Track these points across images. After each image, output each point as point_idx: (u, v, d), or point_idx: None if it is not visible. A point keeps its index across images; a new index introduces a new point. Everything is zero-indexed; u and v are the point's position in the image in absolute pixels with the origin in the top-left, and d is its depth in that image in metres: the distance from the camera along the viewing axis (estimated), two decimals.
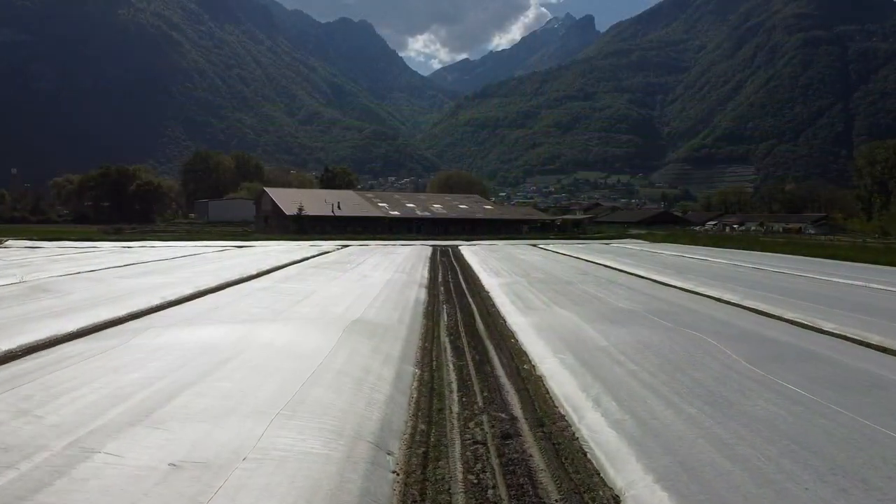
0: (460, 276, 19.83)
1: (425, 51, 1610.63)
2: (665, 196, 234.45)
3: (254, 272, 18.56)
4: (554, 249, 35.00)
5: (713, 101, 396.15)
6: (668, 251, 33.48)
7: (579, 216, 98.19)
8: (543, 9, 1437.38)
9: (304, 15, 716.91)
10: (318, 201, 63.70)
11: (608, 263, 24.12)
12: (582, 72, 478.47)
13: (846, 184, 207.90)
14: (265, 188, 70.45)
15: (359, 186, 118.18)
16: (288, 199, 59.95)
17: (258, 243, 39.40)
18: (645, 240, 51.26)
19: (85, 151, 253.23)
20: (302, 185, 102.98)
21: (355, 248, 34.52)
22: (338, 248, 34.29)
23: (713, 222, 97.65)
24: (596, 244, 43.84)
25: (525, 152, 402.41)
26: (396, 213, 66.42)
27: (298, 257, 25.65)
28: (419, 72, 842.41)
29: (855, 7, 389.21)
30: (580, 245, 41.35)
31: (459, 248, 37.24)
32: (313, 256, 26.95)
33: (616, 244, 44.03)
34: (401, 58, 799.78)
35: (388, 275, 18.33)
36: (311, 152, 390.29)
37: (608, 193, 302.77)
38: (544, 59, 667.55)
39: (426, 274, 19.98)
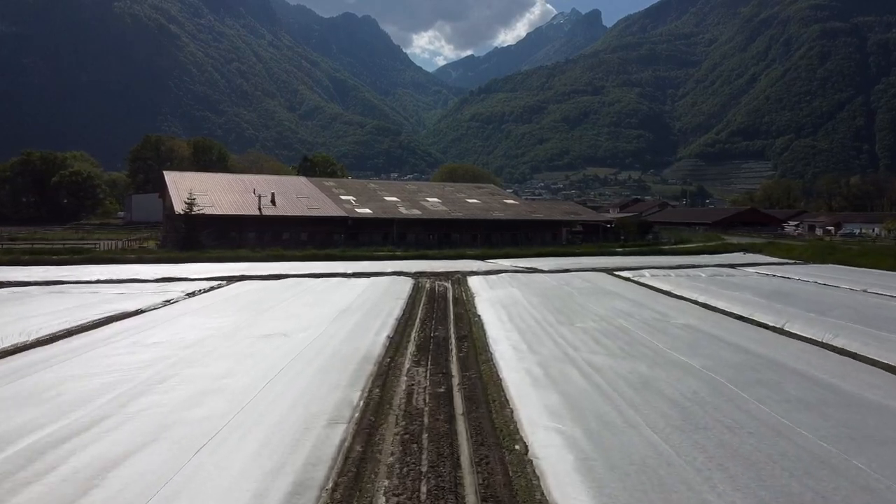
0: None
1: (430, 47, 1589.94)
2: (685, 192, 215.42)
3: None
4: (729, 309, 14.93)
5: (726, 95, 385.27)
6: None
7: (612, 215, 79.15)
8: (549, 5, 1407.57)
9: (307, 10, 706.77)
10: (241, 192, 42.68)
11: None
12: (590, 66, 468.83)
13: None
14: (164, 172, 47.32)
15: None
16: (187, 189, 38.59)
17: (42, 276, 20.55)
18: (766, 254, 31.65)
19: (84, 149, 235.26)
20: (277, 175, 78.08)
21: (233, 294, 15.59)
22: (187, 296, 15.25)
23: (795, 222, 78.61)
24: (727, 272, 24.05)
25: (532, 148, 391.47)
26: (367, 210, 44.54)
27: None
28: (424, 68, 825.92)
29: None
30: (725, 280, 20.59)
31: (469, 282, 18.68)
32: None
33: (762, 272, 24.36)
34: (405, 54, 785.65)
35: None
36: (312, 147, 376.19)
37: (619, 190, 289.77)
38: (550, 55, 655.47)
39: None
